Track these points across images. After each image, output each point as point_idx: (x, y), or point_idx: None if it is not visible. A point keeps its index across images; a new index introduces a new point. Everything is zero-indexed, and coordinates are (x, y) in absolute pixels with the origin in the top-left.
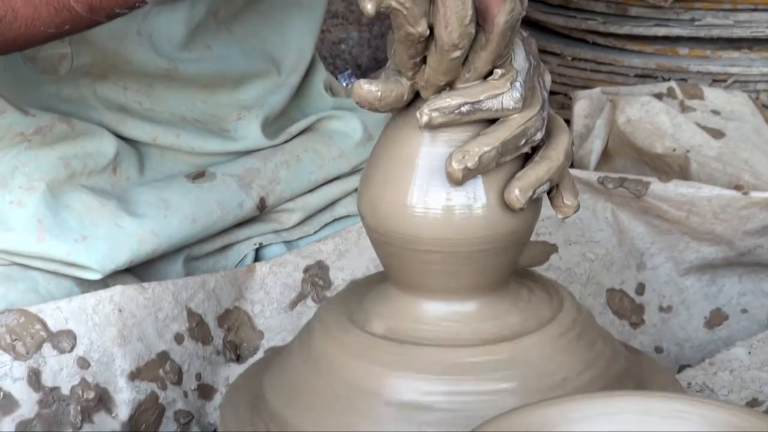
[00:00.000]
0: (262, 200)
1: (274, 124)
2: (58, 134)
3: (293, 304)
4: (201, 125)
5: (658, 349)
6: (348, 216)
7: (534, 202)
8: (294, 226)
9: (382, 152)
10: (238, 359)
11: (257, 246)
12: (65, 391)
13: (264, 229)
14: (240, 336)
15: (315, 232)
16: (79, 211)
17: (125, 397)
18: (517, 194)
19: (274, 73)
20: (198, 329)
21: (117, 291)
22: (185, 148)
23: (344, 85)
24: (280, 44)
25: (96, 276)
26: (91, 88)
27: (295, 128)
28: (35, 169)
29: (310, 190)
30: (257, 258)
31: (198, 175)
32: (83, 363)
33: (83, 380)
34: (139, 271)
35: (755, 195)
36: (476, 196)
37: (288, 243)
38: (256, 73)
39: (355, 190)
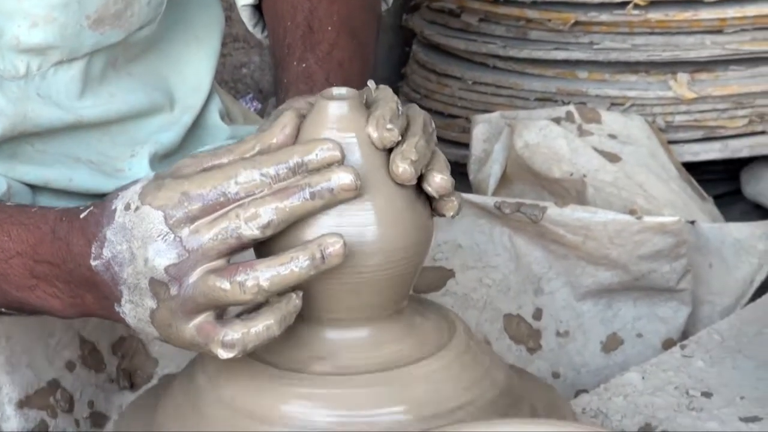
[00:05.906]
0: None
1: (167, 159)
2: None
3: None
4: (95, 166)
5: (556, 375)
6: None
7: (426, 223)
8: None
9: None
10: (132, 387)
11: None
12: None
13: None
14: (134, 363)
15: None
16: None
17: (13, 425)
18: (399, 164)
19: (168, 109)
20: (91, 357)
21: (5, 318)
22: (79, 190)
23: (248, 108)
24: (179, 81)
25: None
26: None
27: None
28: None
29: None
30: None
31: None
32: None
33: None
34: None
35: (648, 220)
36: (367, 222)
37: None
38: (152, 110)
39: None
